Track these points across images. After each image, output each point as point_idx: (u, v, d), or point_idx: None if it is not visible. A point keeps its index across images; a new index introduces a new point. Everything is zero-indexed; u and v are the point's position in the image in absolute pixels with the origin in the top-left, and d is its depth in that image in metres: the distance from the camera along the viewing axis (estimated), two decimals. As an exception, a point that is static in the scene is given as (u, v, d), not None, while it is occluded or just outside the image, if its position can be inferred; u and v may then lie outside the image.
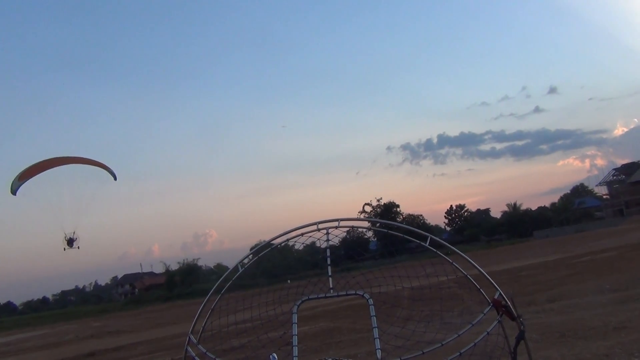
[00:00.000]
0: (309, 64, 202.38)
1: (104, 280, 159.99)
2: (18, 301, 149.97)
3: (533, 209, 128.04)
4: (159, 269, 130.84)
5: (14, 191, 17.17)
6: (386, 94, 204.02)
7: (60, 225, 18.20)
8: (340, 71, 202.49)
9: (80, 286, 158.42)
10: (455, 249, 5.08)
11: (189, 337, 4.98)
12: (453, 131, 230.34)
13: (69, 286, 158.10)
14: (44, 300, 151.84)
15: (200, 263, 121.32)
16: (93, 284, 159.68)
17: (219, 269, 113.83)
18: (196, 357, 4.86)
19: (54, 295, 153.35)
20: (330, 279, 4.62)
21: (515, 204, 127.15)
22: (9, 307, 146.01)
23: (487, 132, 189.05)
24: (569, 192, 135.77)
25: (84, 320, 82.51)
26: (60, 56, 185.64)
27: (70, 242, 18.96)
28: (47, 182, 16.77)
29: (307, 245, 5.46)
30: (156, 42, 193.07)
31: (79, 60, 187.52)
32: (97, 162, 18.11)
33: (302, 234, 5.00)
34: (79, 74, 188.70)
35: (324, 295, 4.58)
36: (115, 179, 18.58)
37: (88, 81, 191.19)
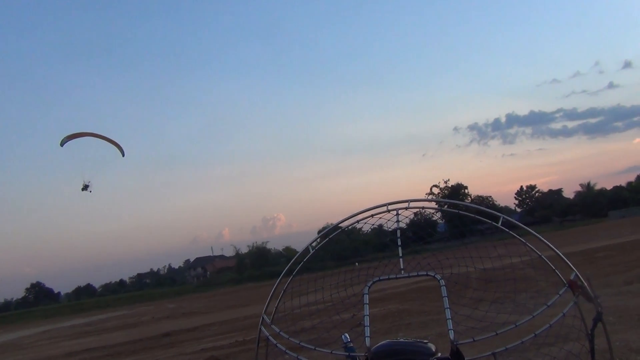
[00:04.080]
0: (373, 47, 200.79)
1: (177, 263, 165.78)
2: (97, 283, 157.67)
3: (608, 188, 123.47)
4: (229, 252, 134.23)
5: (62, 144, 22.65)
6: (452, 74, 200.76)
7: (82, 176, 24.26)
8: (405, 52, 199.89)
9: (155, 269, 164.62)
10: (530, 230, 4.96)
11: (263, 317, 5.08)
12: (522, 110, 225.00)
13: (145, 269, 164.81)
14: (121, 282, 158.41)
15: (269, 246, 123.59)
16: (167, 267, 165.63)
17: (288, 252, 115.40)
18: (270, 337, 4.95)
19: (130, 277, 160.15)
20: (401, 260, 4.60)
21: (589, 184, 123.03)
22: (89, 289, 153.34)
23: (558, 110, 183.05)
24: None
25: (159, 301, 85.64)
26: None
27: (85, 187, 24.30)
28: (80, 146, 23.09)
29: (375, 227, 5.45)
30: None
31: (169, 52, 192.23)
32: (114, 141, 23.74)
33: (371, 216, 4.98)
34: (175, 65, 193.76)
35: (395, 276, 4.57)
36: (123, 155, 24.06)
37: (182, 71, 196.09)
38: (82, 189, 24.38)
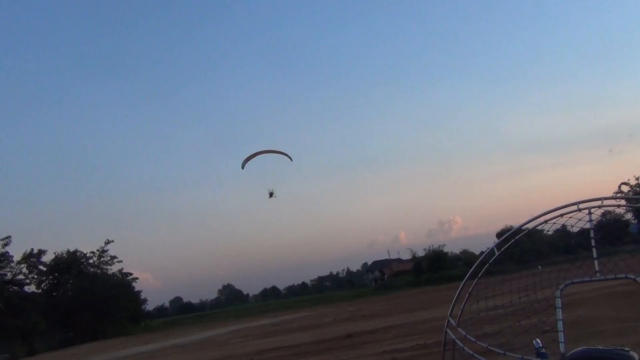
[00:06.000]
0: (553, 44, 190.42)
1: (355, 267, 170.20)
2: (281, 286, 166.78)
3: None
4: (405, 256, 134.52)
5: (243, 167, 27.24)
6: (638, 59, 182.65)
7: (265, 186, 29.55)
8: (585, 45, 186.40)
9: (335, 272, 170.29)
10: None
11: (448, 320, 5.08)
12: None
13: (325, 272, 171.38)
14: (304, 285, 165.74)
15: (445, 249, 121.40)
16: (346, 270, 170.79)
17: (466, 255, 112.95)
18: (456, 340, 4.93)
19: (311, 280, 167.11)
20: (595, 261, 4.37)
21: None
22: (274, 291, 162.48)
23: None
24: None
25: (339, 304, 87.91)
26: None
27: (271, 194, 29.10)
28: (258, 162, 27.56)
29: (558, 229, 5.22)
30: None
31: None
32: (280, 151, 28.37)
33: (561, 215, 4.76)
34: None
35: (589, 278, 4.34)
36: (291, 160, 28.96)
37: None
38: (269, 197, 29.00)
